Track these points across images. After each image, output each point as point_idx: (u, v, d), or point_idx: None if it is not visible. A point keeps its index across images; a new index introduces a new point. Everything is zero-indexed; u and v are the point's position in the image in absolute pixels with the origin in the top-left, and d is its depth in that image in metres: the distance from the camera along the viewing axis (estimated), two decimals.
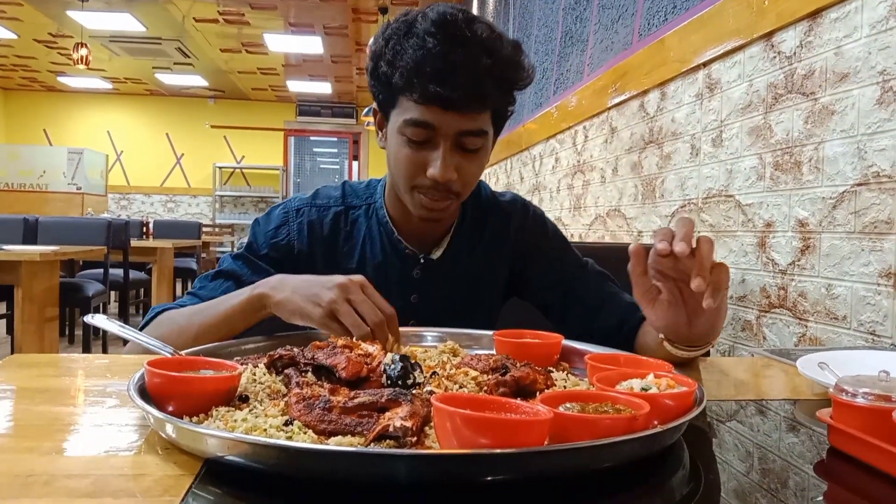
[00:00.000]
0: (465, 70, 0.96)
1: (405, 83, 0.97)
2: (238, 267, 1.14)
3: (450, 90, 0.95)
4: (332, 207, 1.18)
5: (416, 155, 1.01)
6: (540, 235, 1.25)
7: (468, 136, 1.01)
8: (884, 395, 0.61)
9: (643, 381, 0.66)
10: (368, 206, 1.19)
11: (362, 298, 0.87)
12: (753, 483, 0.58)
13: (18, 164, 9.92)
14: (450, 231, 1.19)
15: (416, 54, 0.96)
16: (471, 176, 1.05)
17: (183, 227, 7.28)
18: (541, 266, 1.23)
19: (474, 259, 1.20)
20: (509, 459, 0.49)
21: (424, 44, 0.95)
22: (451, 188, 1.03)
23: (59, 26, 7.86)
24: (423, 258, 1.17)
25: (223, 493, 0.51)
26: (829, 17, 1.38)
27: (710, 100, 1.86)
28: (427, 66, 0.95)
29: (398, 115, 1.02)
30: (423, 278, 1.17)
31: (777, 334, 1.55)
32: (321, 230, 1.16)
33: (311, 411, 0.59)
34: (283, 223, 1.17)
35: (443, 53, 0.95)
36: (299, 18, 7.34)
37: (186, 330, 1.00)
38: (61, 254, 3.51)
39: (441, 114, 0.97)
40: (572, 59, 3.20)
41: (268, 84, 10.68)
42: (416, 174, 1.03)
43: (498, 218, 1.23)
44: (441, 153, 1.00)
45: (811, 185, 1.43)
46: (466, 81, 0.96)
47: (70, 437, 0.63)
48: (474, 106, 0.99)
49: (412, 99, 0.98)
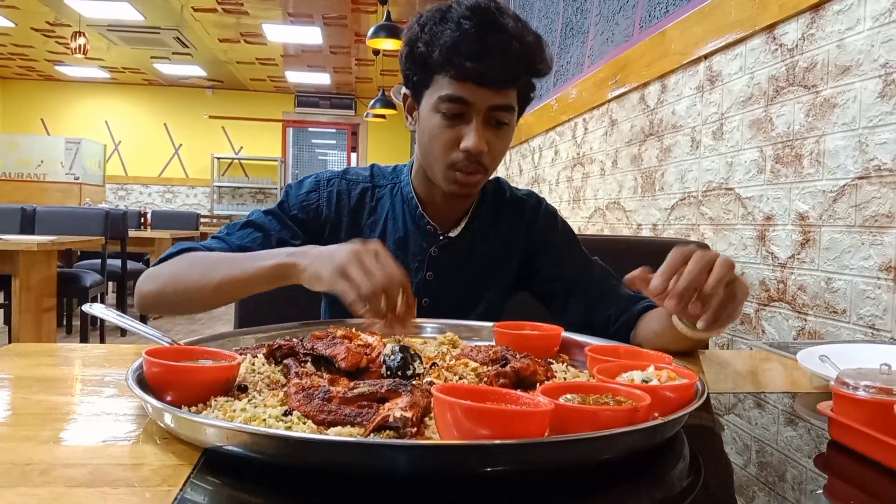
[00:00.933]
0: (497, 50, 1.05)
1: (443, 61, 1.06)
2: (268, 221, 1.18)
3: (484, 67, 1.04)
4: (360, 183, 1.25)
5: (450, 130, 1.09)
6: (551, 229, 1.31)
7: (498, 110, 1.09)
8: (885, 388, 0.61)
9: (644, 373, 0.66)
10: (394, 186, 1.26)
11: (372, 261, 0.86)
12: (753, 475, 0.58)
13: (16, 154, 9.87)
14: (468, 212, 1.26)
15: (453, 35, 1.05)
16: (498, 151, 1.13)
17: (181, 218, 7.27)
18: (550, 257, 1.28)
19: (489, 244, 1.26)
20: (509, 450, 0.49)
21: (461, 26, 1.05)
22: (482, 161, 1.10)
23: (57, 15, 7.81)
24: (442, 235, 1.23)
25: (221, 483, 0.51)
26: (831, 10, 1.38)
27: (710, 92, 1.85)
28: (463, 45, 1.04)
29: (433, 93, 1.09)
30: (440, 257, 1.22)
31: (776, 328, 1.55)
32: (348, 201, 1.23)
33: (310, 401, 0.58)
34: (314, 189, 1.23)
35: (478, 35, 1.05)
36: (298, 9, 7.30)
37: (208, 277, 1.00)
38: (59, 244, 3.50)
39: (475, 89, 1.06)
40: (573, 51, 3.18)
41: (266, 74, 10.64)
42: (450, 148, 1.10)
43: (513, 209, 1.30)
44: (474, 126, 1.08)
45: (812, 178, 1.42)
46: (499, 60, 1.05)
47: (68, 427, 0.63)
48: (505, 82, 1.07)
49: (448, 76, 1.06)
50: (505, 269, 1.28)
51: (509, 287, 1.30)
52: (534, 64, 1.11)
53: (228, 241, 1.14)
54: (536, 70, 1.12)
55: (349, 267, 0.85)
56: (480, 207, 1.27)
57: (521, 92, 1.13)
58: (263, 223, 1.18)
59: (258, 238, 1.15)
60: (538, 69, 1.12)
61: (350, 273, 0.85)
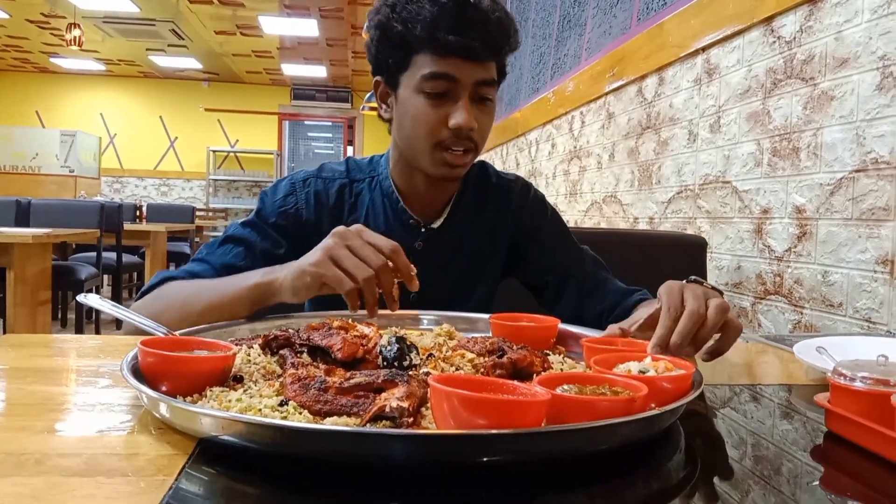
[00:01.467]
0: (478, 22, 1.03)
1: (426, 36, 1.03)
2: (248, 233, 1.15)
3: (470, 39, 1.02)
4: (336, 180, 1.22)
5: (436, 110, 1.06)
6: (540, 216, 1.28)
7: (484, 85, 1.07)
8: (882, 379, 0.61)
9: (641, 364, 0.66)
10: (372, 179, 1.22)
11: (361, 243, 0.86)
12: (750, 467, 0.58)
13: (11, 146, 9.83)
14: (450, 202, 1.22)
15: (432, 10, 1.02)
16: (485, 128, 1.11)
17: (176, 211, 7.24)
18: (541, 247, 1.25)
19: (475, 233, 1.23)
20: (506, 440, 0.49)
21: (437, 1, 1.03)
22: (472, 137, 1.08)
23: (52, 6, 7.77)
24: (424, 228, 1.20)
25: (217, 473, 0.51)
26: (829, 2, 1.37)
27: (708, 85, 1.85)
28: (444, 19, 1.02)
29: (413, 73, 1.06)
30: (425, 250, 1.19)
31: (772, 321, 1.55)
32: (327, 200, 1.20)
33: (306, 392, 0.58)
34: (290, 192, 1.19)
35: (457, 8, 1.03)
36: (295, 1, 7.27)
37: (190, 306, 0.98)
38: (54, 236, 3.48)
39: (461, 64, 1.04)
40: (570, 44, 3.17)
41: (262, 67, 10.60)
42: (437, 129, 1.07)
43: (500, 194, 1.27)
44: (462, 103, 1.05)
45: (809, 171, 1.42)
46: (483, 31, 1.04)
47: (63, 417, 0.63)
48: (488, 54, 1.06)
49: (431, 52, 1.04)
50: (493, 259, 1.26)
51: (498, 275, 1.28)
52: (510, 35, 1.10)
53: (211, 262, 1.10)
54: (512, 42, 1.11)
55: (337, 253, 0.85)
56: (463, 195, 1.24)
57: (500, 66, 1.12)
58: (243, 236, 1.14)
59: (240, 253, 1.11)
60: (513, 42, 1.11)
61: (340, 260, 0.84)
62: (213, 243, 1.15)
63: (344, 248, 0.85)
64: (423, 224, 1.20)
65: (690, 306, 0.78)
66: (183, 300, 1.00)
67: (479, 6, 1.04)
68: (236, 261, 1.10)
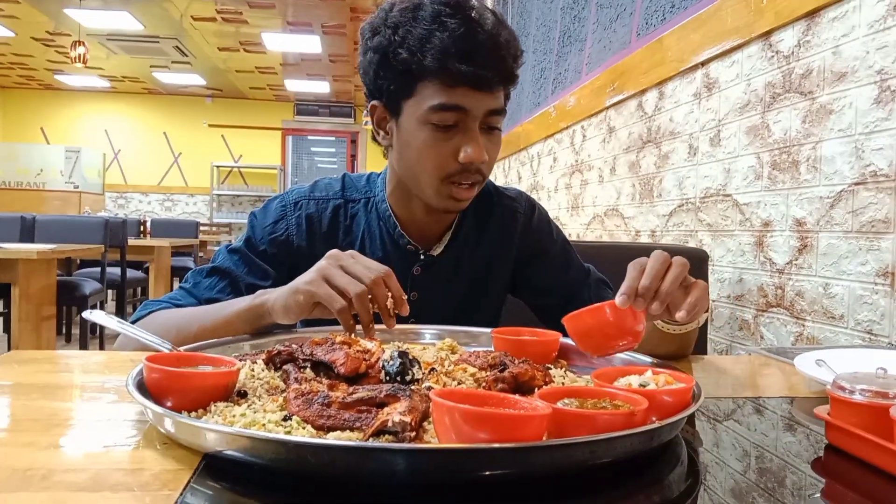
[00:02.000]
0: (490, 47, 0.97)
1: (434, 66, 0.95)
2: (234, 264, 1.11)
3: (481, 68, 0.95)
4: (331, 200, 1.16)
5: (445, 143, 1.00)
6: (546, 236, 1.24)
7: (494, 114, 1.01)
8: (881, 391, 0.62)
9: (641, 378, 0.66)
10: (368, 200, 1.17)
11: (353, 262, 0.85)
12: (751, 479, 0.58)
13: (16, 163, 9.89)
14: (451, 227, 1.17)
15: (441, 35, 0.95)
16: (493, 158, 1.05)
17: (180, 226, 7.26)
18: (546, 269, 1.21)
19: (477, 257, 1.19)
20: (508, 454, 0.49)
21: (446, 26, 0.95)
22: (481, 171, 1.03)
23: (57, 24, 7.84)
24: (423, 254, 1.15)
25: (222, 488, 0.51)
26: (827, 17, 1.39)
27: (707, 99, 1.86)
28: (454, 47, 0.94)
29: (419, 103, 0.99)
30: (424, 275, 1.16)
31: (774, 333, 1.55)
32: (320, 225, 1.14)
33: (309, 407, 0.59)
34: (280, 217, 1.14)
35: (468, 33, 0.95)
36: (297, 17, 7.33)
37: (185, 332, 0.97)
38: (58, 252, 3.50)
39: (471, 94, 0.97)
40: (570, 59, 3.20)
41: (266, 83, 10.67)
42: (446, 163, 1.01)
43: (503, 214, 1.21)
44: (474, 134, 0.99)
45: (809, 184, 1.43)
46: (494, 58, 0.97)
47: (68, 432, 0.63)
48: (502, 82, 1.00)
49: (439, 82, 0.97)
50: (497, 282, 1.21)
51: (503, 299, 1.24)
52: (519, 57, 1.03)
53: (196, 294, 1.08)
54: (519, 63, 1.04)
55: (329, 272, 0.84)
56: (464, 220, 1.18)
57: (507, 90, 1.05)
58: (229, 268, 1.10)
59: (226, 287, 1.08)
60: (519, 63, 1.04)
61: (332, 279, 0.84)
62: (200, 271, 1.12)
63: (336, 268, 0.85)
64: (422, 251, 1.15)
65: (654, 256, 0.82)
66: (177, 327, 0.99)
67: (488, 29, 0.97)
68: (221, 295, 1.07)
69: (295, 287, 0.87)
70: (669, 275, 0.81)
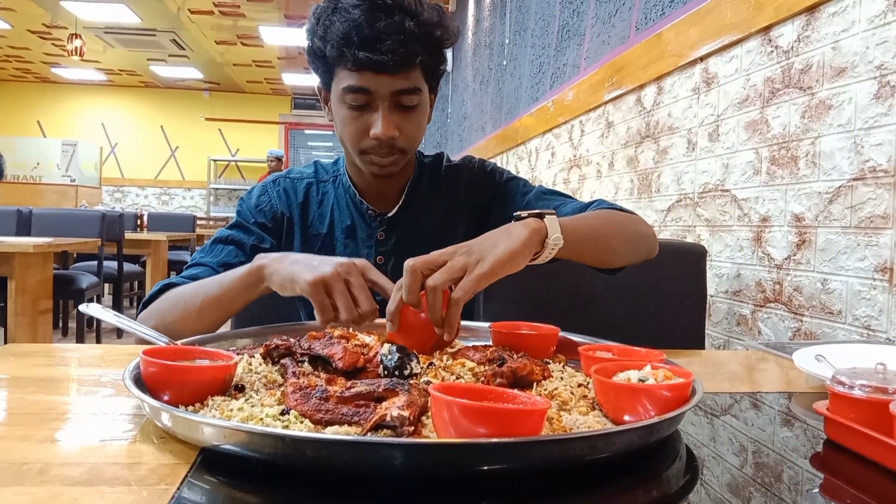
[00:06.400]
0: (391, 34, 1.03)
1: (338, 54, 1.05)
2: (235, 233, 1.21)
3: (379, 54, 1.03)
4: (304, 179, 1.30)
5: (358, 119, 1.10)
6: (493, 182, 1.32)
7: (403, 94, 1.09)
8: (881, 387, 0.62)
9: (640, 373, 0.66)
10: (335, 178, 1.30)
11: (361, 284, 0.88)
12: (750, 475, 0.58)
13: (12, 156, 9.85)
14: (405, 189, 1.28)
15: (343, 26, 1.04)
16: (412, 132, 1.14)
17: (177, 220, 7.24)
18: (503, 204, 1.29)
19: (432, 216, 1.29)
20: (506, 448, 0.49)
21: (350, 15, 1.04)
22: (396, 144, 1.12)
23: (54, 17, 7.81)
24: (379, 217, 1.26)
25: (219, 482, 0.51)
26: (826, 12, 1.38)
27: (706, 94, 1.86)
28: (355, 35, 1.03)
29: (337, 84, 1.10)
30: (387, 238, 1.26)
31: (772, 329, 1.55)
32: (296, 196, 1.27)
33: (307, 401, 0.58)
34: (263, 193, 1.28)
35: (368, 22, 1.03)
36: (295, 10, 7.31)
37: (190, 305, 1.02)
38: (55, 246, 3.49)
39: (374, 77, 1.06)
40: (569, 54, 3.19)
41: (263, 77, 10.64)
42: (361, 137, 1.12)
43: (451, 176, 1.33)
44: (380, 113, 1.08)
45: (807, 179, 1.43)
46: (393, 45, 1.03)
47: (65, 426, 0.63)
48: (403, 67, 1.06)
49: (346, 68, 1.06)
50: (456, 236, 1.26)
51: None
52: (434, 38, 1.09)
53: (208, 263, 1.16)
54: (439, 43, 1.11)
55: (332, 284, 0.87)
56: (418, 183, 1.29)
57: (428, 68, 1.12)
58: (231, 236, 1.21)
59: (233, 250, 1.18)
60: (441, 42, 1.11)
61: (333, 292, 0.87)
62: (203, 249, 1.21)
63: (341, 283, 0.87)
64: (381, 214, 1.26)
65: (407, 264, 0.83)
66: (184, 301, 1.04)
67: (392, 17, 1.04)
68: (230, 258, 1.16)
69: (293, 278, 0.90)
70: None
